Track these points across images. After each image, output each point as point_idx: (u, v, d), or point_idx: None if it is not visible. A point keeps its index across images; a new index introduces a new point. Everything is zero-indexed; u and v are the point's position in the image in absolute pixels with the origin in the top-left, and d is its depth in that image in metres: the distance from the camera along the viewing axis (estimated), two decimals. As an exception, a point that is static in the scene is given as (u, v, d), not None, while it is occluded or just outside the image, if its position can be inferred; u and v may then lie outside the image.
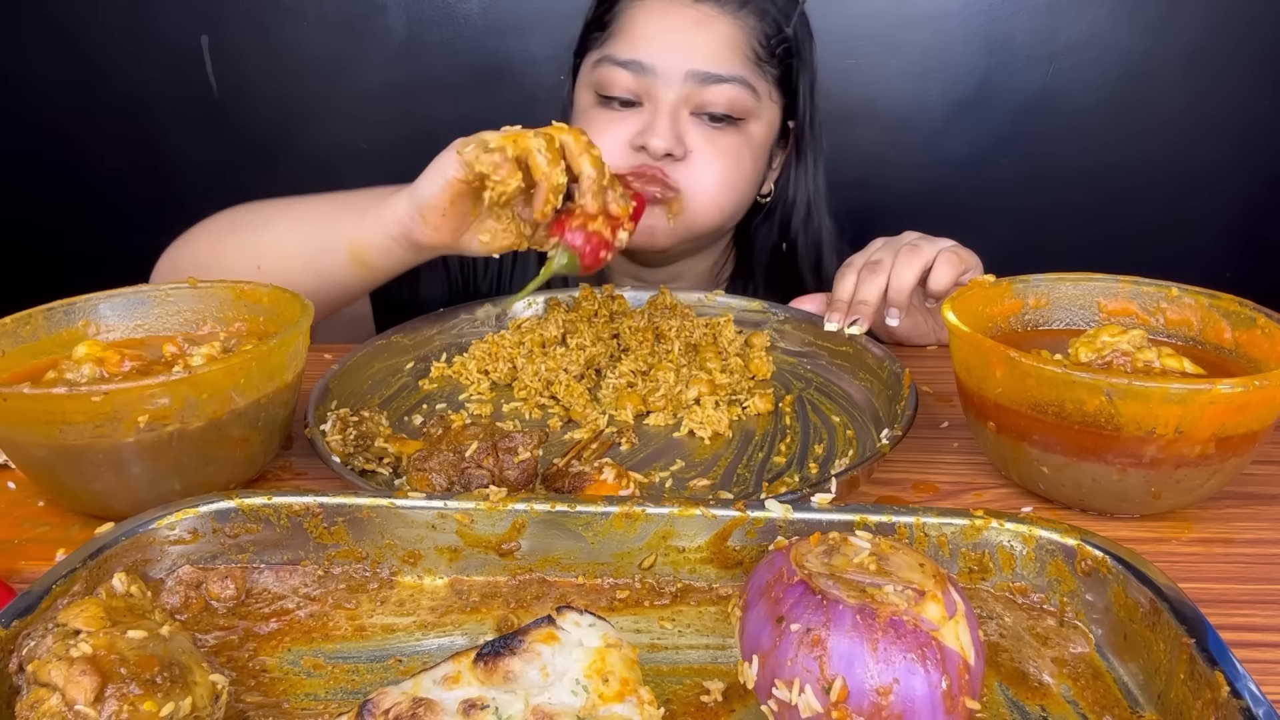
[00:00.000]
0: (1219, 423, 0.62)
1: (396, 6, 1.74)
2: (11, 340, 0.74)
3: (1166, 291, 0.79)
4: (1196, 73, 1.73)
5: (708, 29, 1.04)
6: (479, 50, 1.76)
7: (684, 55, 1.03)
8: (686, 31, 1.04)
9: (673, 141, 1.02)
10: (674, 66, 1.02)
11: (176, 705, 0.43)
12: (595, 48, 1.09)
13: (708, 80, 1.03)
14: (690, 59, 1.02)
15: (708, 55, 1.03)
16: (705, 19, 1.04)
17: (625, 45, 1.05)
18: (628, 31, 1.06)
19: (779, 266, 1.22)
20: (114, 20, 1.75)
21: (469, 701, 0.41)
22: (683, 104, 1.04)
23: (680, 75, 1.02)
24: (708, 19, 1.04)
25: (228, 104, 1.81)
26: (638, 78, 1.04)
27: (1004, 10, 1.70)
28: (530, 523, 0.57)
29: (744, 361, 0.91)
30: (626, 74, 1.04)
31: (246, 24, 1.75)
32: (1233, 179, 1.81)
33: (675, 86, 1.03)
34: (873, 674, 0.41)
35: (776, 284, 1.22)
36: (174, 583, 0.56)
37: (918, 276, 0.89)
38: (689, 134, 1.04)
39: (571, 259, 0.78)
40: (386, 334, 0.92)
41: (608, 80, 1.05)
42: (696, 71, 1.02)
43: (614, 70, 1.05)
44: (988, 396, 0.69)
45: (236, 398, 0.66)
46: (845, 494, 0.67)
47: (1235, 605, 0.59)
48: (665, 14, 1.04)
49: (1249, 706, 0.41)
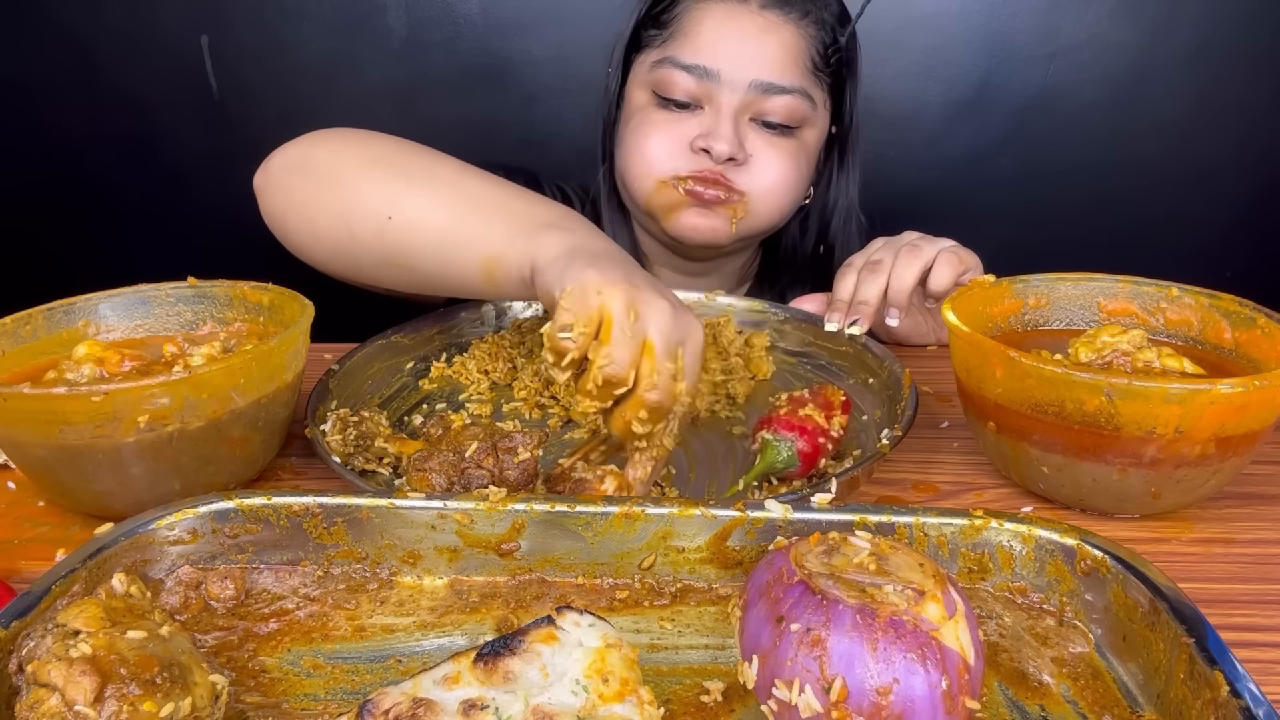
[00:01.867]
0: (1219, 423, 0.62)
1: (396, 6, 1.74)
2: (11, 340, 0.74)
3: (1166, 291, 0.79)
4: (1196, 73, 1.72)
5: (772, 37, 1.04)
6: (479, 50, 1.76)
7: (749, 63, 1.03)
8: (752, 39, 1.04)
9: (736, 146, 1.03)
10: (739, 74, 1.03)
11: (176, 705, 0.43)
12: (653, 46, 1.09)
13: (770, 90, 1.03)
14: (755, 68, 1.03)
15: (772, 65, 1.03)
16: (770, 27, 1.04)
17: (689, 49, 1.05)
18: (691, 34, 1.05)
19: (811, 268, 1.23)
20: (114, 20, 1.75)
21: (469, 702, 0.41)
22: (744, 110, 1.04)
23: (745, 83, 1.03)
24: (773, 27, 1.04)
25: (228, 104, 1.80)
26: (700, 82, 1.04)
27: (1004, 10, 1.70)
28: (530, 523, 0.57)
29: (744, 361, 0.91)
30: (689, 77, 1.04)
31: (246, 24, 1.75)
32: (1233, 179, 1.81)
33: (739, 94, 1.03)
34: (873, 674, 0.41)
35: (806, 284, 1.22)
36: (174, 583, 0.56)
37: (918, 277, 0.89)
38: (749, 139, 1.05)
39: (791, 454, 0.71)
40: (386, 334, 0.91)
41: (668, 81, 1.05)
42: (760, 82, 1.03)
43: (676, 73, 1.04)
44: (988, 396, 0.69)
45: (236, 398, 0.66)
46: (845, 494, 0.67)
47: (1235, 605, 0.59)
48: (731, 19, 1.04)
49: (1249, 706, 0.41)
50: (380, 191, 0.82)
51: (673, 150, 1.05)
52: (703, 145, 1.03)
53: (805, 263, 1.23)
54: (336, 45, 1.76)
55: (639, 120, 1.09)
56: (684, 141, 1.05)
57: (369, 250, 0.83)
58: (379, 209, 0.81)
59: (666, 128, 1.06)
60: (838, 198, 1.20)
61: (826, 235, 1.21)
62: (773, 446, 0.71)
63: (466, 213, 0.79)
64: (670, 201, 1.07)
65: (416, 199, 0.81)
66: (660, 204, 1.08)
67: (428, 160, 0.85)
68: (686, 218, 1.07)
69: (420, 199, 0.81)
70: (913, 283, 0.88)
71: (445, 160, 0.86)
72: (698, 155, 1.04)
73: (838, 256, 1.21)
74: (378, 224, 0.81)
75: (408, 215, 0.80)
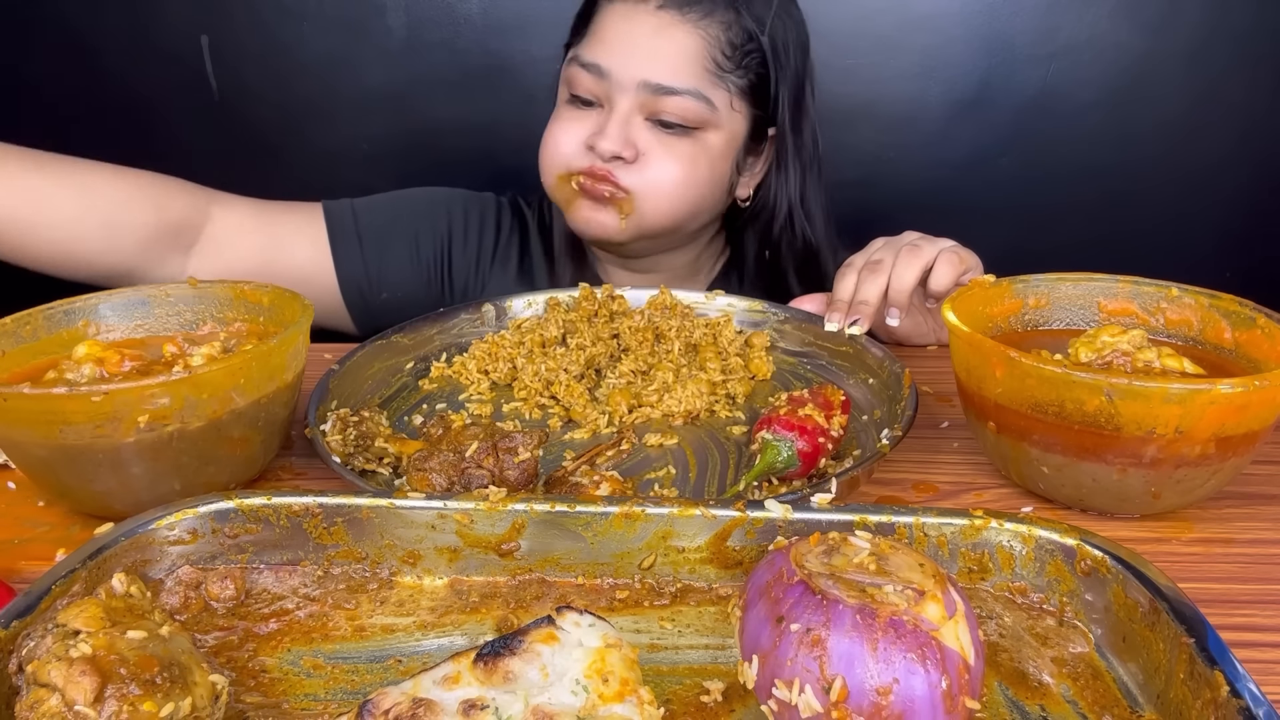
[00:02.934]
0: (1219, 423, 0.62)
1: (396, 6, 1.74)
2: (11, 340, 0.74)
3: (1166, 291, 0.79)
4: (1197, 73, 1.72)
5: (665, 38, 1.05)
6: (479, 50, 1.76)
7: (639, 64, 1.04)
8: (645, 39, 1.05)
9: (621, 144, 1.05)
10: (628, 74, 1.04)
11: (176, 705, 0.43)
12: (575, 44, 1.12)
13: (659, 91, 1.04)
14: (645, 68, 1.04)
15: (664, 66, 1.04)
16: (664, 27, 1.05)
17: (590, 47, 1.08)
18: (596, 34, 1.08)
19: (765, 271, 1.23)
20: (114, 21, 1.75)
21: (469, 702, 0.41)
22: (636, 110, 1.06)
23: (634, 83, 1.04)
24: (666, 27, 1.05)
25: (228, 104, 1.80)
26: (597, 80, 1.06)
27: (1004, 10, 1.70)
28: (530, 523, 0.57)
29: (744, 361, 0.91)
30: (588, 75, 1.07)
31: (246, 24, 1.75)
32: (1233, 179, 1.81)
33: (629, 94, 1.05)
34: (873, 674, 0.41)
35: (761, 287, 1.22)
36: (173, 583, 0.56)
37: (918, 277, 0.89)
38: (641, 137, 1.06)
39: (791, 454, 0.71)
40: (386, 334, 0.91)
41: (574, 79, 1.08)
42: (649, 83, 1.04)
43: (578, 70, 1.08)
44: (988, 396, 0.69)
45: (236, 398, 0.66)
46: (845, 494, 0.67)
47: (1235, 605, 0.59)
48: (628, 19, 1.06)
49: (1249, 706, 0.41)
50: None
51: (570, 146, 1.08)
52: (590, 143, 1.06)
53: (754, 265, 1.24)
54: (336, 45, 1.76)
55: (554, 115, 1.13)
56: (581, 137, 1.08)
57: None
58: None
59: (568, 124, 1.09)
60: (776, 200, 1.19)
61: (769, 238, 1.21)
62: (773, 446, 0.71)
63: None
64: (566, 195, 1.11)
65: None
66: (559, 197, 1.12)
67: None
68: (580, 211, 1.10)
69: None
70: (913, 283, 0.88)
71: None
72: (590, 153, 1.07)
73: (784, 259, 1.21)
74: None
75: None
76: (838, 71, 1.64)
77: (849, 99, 1.68)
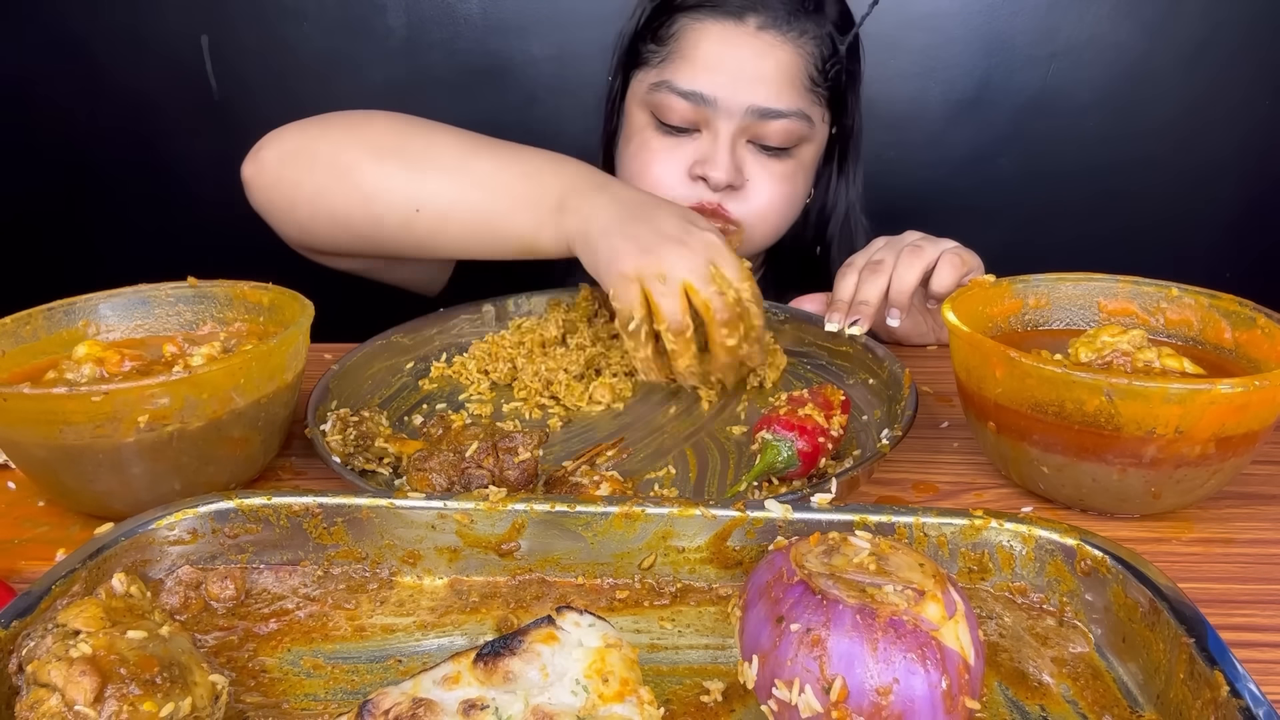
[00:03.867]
0: (1219, 423, 0.62)
1: (396, 6, 1.74)
2: (11, 340, 0.74)
3: (1166, 291, 0.79)
4: (1197, 73, 1.72)
5: (769, 60, 1.02)
6: (479, 50, 1.76)
7: (746, 89, 1.02)
8: (749, 63, 1.02)
9: (733, 174, 1.03)
10: (735, 101, 1.02)
11: (176, 705, 0.43)
12: (651, 65, 1.08)
13: (767, 116, 1.02)
14: (752, 93, 1.02)
15: (769, 89, 1.02)
16: (767, 49, 1.02)
17: (686, 73, 1.03)
18: (688, 57, 1.04)
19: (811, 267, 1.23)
20: (114, 20, 1.75)
21: (469, 702, 0.41)
22: (740, 135, 1.04)
23: (741, 110, 1.02)
24: (770, 49, 1.02)
25: (228, 104, 1.80)
26: (697, 108, 1.03)
27: (1004, 10, 1.70)
28: (530, 523, 0.57)
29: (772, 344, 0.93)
30: (686, 104, 1.03)
31: (246, 24, 1.75)
32: (1233, 179, 1.81)
33: (736, 120, 1.02)
34: (873, 674, 0.41)
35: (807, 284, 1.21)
36: (173, 583, 0.56)
37: (919, 278, 0.89)
38: (746, 162, 1.05)
39: (791, 454, 0.71)
40: (386, 334, 0.91)
41: (665, 106, 1.04)
42: (757, 108, 1.02)
43: (673, 98, 1.03)
44: (988, 396, 0.69)
45: (236, 398, 0.66)
46: (845, 494, 0.67)
47: (1235, 605, 0.59)
48: (728, 42, 1.03)
49: (1249, 706, 0.41)
50: (401, 185, 0.89)
51: (672, 177, 1.05)
52: (700, 173, 1.04)
53: (802, 262, 1.23)
54: (336, 45, 1.76)
55: (639, 144, 1.09)
56: (682, 168, 1.05)
57: (396, 240, 0.92)
58: (404, 203, 0.89)
59: (665, 154, 1.06)
60: (836, 200, 1.20)
61: (824, 236, 1.21)
62: (773, 446, 0.71)
63: (489, 203, 0.89)
64: None
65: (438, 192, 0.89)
66: None
67: (431, 141, 0.92)
68: None
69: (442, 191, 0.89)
70: (914, 284, 0.88)
71: (446, 136, 0.93)
72: (696, 183, 1.04)
73: (834, 257, 1.21)
74: (404, 217, 0.90)
75: (435, 207, 0.89)
76: (838, 71, 1.64)
77: (849, 99, 1.68)
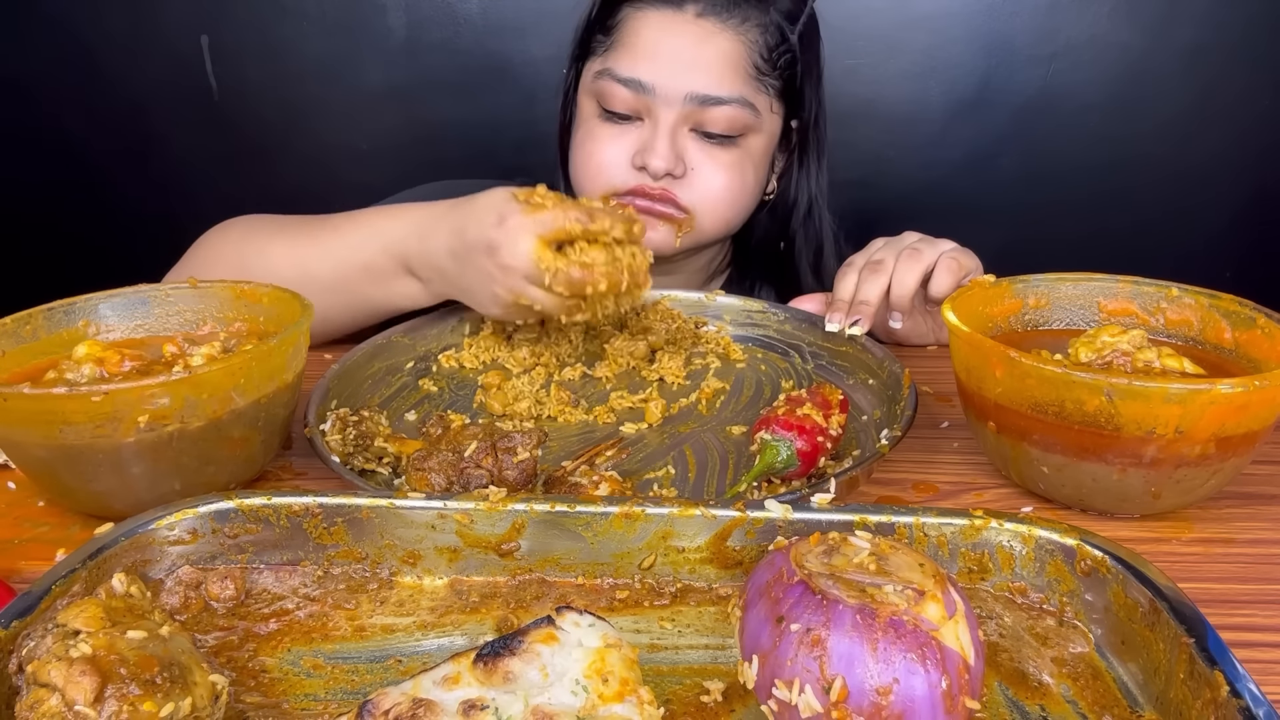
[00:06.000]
0: (1219, 423, 0.62)
1: (396, 6, 1.74)
2: (11, 340, 0.74)
3: (1166, 291, 0.79)
4: (1197, 72, 1.73)
5: (709, 47, 1.03)
6: (479, 50, 1.76)
7: (685, 76, 1.02)
8: (688, 50, 1.03)
9: (672, 161, 1.03)
10: (674, 87, 1.02)
11: (176, 705, 0.43)
12: (598, 53, 1.09)
13: (707, 103, 1.02)
14: (691, 80, 1.02)
15: (709, 77, 1.02)
16: (707, 36, 1.03)
17: (627, 61, 1.04)
18: (629, 45, 1.05)
19: (777, 264, 1.22)
20: (114, 21, 1.75)
21: (469, 702, 0.41)
22: (682, 122, 1.04)
23: (680, 97, 1.02)
24: (709, 36, 1.03)
25: (228, 104, 1.80)
26: (638, 95, 1.03)
27: (1004, 10, 1.70)
28: (530, 523, 0.57)
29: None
30: (626, 91, 1.03)
31: (246, 24, 1.75)
32: (1233, 178, 1.81)
33: (675, 107, 1.03)
34: (873, 674, 0.41)
35: (773, 281, 1.22)
36: (174, 583, 0.56)
37: (919, 280, 0.89)
38: (688, 151, 1.05)
39: (790, 454, 0.71)
40: (386, 334, 0.92)
41: (608, 94, 1.05)
42: (697, 94, 1.02)
43: (614, 86, 1.04)
44: (988, 396, 0.69)
45: (236, 398, 0.66)
46: (845, 494, 0.67)
47: (1235, 605, 0.59)
48: (667, 30, 1.03)
49: (1249, 706, 0.41)
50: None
51: (615, 164, 1.05)
52: (640, 162, 1.04)
53: (767, 259, 1.23)
54: (336, 45, 1.76)
55: (585, 132, 1.09)
56: (626, 155, 1.05)
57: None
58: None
59: (610, 142, 1.06)
60: (797, 194, 1.19)
61: (787, 231, 1.20)
62: (772, 447, 0.71)
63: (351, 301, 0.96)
64: None
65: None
66: None
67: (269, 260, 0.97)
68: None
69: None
70: (914, 286, 0.88)
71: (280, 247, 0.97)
72: (639, 172, 1.04)
73: (799, 253, 1.20)
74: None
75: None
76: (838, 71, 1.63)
77: (849, 99, 1.68)
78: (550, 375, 0.91)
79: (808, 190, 1.19)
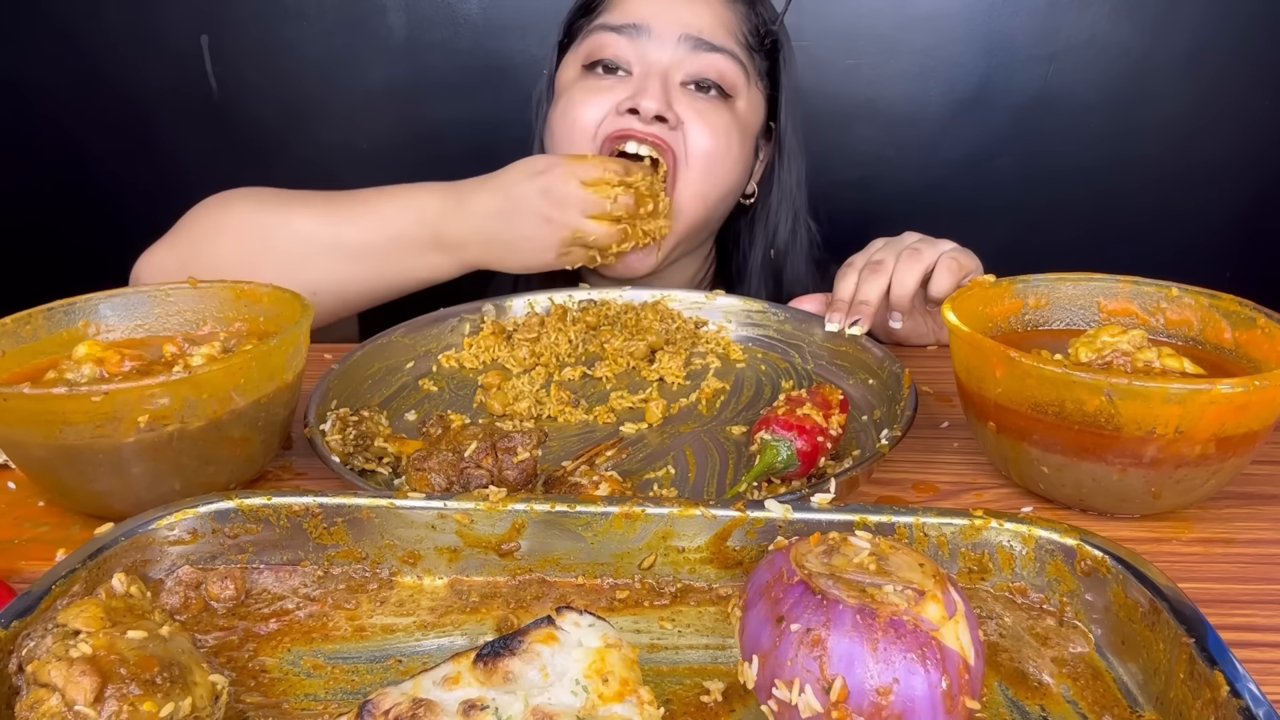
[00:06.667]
0: (1219, 423, 0.62)
1: (396, 6, 1.74)
2: (11, 340, 0.74)
3: (1166, 291, 0.79)
4: (1196, 72, 1.72)
5: (702, 4, 1.05)
6: (479, 50, 1.76)
7: (679, 18, 1.04)
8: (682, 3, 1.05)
9: (664, 105, 1.01)
10: (669, 28, 1.03)
11: (176, 705, 0.43)
12: (585, 28, 1.10)
13: (700, 47, 1.03)
14: (686, 20, 1.04)
15: (703, 23, 1.04)
16: None
17: (619, 13, 1.06)
18: (620, 3, 1.07)
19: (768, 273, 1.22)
20: (114, 21, 1.75)
21: (469, 702, 0.41)
22: (675, 69, 1.03)
23: (675, 37, 1.03)
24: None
25: (227, 104, 1.80)
26: (632, 40, 1.03)
27: (1004, 10, 1.70)
28: (530, 523, 0.57)
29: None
30: (620, 38, 1.03)
31: (246, 24, 1.75)
32: (1233, 179, 1.81)
33: (669, 49, 1.03)
34: (873, 674, 0.41)
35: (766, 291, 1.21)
36: (174, 583, 0.56)
37: (919, 280, 0.89)
38: (680, 102, 1.04)
39: (790, 454, 0.71)
40: (386, 334, 0.92)
41: (599, 45, 1.04)
42: (691, 36, 1.02)
43: (607, 35, 1.04)
44: (988, 396, 0.69)
45: (236, 398, 0.66)
46: (845, 494, 0.67)
47: (1235, 605, 0.59)
48: None
49: (1249, 706, 0.41)
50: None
51: (599, 113, 1.03)
52: (630, 105, 1.01)
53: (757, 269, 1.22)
54: (336, 45, 1.76)
55: (567, 96, 1.07)
56: (611, 104, 1.03)
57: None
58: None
59: (594, 95, 1.04)
60: (781, 197, 1.18)
61: (776, 239, 1.19)
62: (772, 447, 0.71)
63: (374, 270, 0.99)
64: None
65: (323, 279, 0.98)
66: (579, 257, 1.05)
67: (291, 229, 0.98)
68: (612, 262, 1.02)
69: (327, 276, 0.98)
70: (914, 287, 0.88)
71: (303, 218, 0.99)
72: (625, 116, 1.02)
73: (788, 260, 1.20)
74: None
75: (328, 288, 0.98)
76: (838, 72, 1.64)
77: (849, 99, 1.68)
78: (550, 375, 0.91)
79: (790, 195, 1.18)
